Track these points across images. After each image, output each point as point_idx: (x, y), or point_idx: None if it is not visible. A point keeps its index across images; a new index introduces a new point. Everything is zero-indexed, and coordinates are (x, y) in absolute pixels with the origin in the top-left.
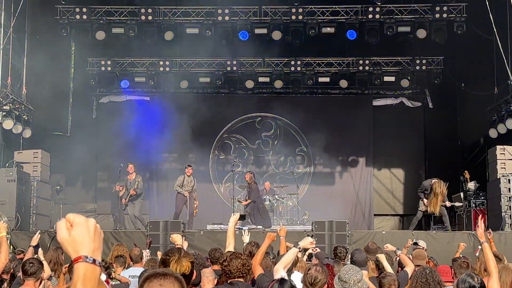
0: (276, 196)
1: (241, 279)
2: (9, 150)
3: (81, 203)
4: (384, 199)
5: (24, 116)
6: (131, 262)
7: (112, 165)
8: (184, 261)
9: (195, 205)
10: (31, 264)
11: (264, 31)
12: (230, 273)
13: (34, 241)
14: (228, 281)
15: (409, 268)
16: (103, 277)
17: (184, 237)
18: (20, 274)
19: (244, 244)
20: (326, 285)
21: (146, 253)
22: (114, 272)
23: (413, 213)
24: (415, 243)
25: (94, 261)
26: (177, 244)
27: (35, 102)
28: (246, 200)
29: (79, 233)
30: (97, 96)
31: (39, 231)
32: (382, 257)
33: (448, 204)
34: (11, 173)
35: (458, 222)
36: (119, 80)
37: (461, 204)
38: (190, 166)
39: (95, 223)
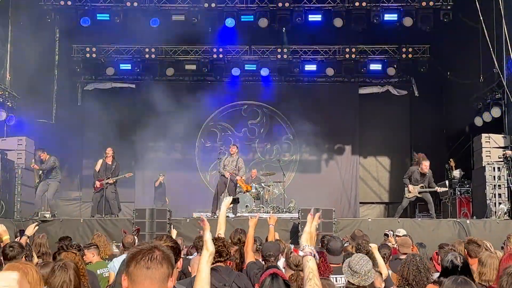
0: (262, 184)
1: (222, 264)
2: None
3: (66, 191)
4: (370, 187)
5: (8, 103)
6: (124, 249)
7: (97, 153)
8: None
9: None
10: (11, 248)
11: (251, 18)
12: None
13: (30, 231)
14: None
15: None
16: None
17: (171, 225)
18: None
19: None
20: None
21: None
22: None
23: (399, 201)
24: (386, 235)
25: None
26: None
27: (20, 89)
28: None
29: None
30: (82, 83)
31: (36, 223)
32: (374, 248)
33: (437, 189)
34: None
35: (443, 209)
36: (104, 67)
37: (446, 189)
38: (235, 145)
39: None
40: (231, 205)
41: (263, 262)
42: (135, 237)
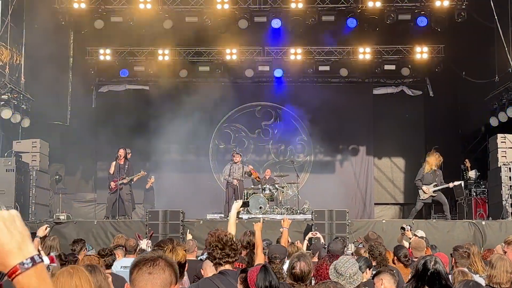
0: (276, 185)
1: (229, 267)
2: (7, 139)
3: (80, 192)
4: (385, 187)
5: (23, 106)
6: (126, 253)
7: (111, 154)
8: (179, 250)
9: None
10: None
11: (264, 19)
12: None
13: (41, 232)
14: (218, 271)
15: None
16: (46, 260)
17: (187, 230)
18: None
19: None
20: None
21: (147, 243)
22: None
23: (414, 202)
24: (403, 228)
25: (33, 262)
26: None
27: (34, 91)
28: (125, 178)
29: None
30: (96, 86)
31: (47, 225)
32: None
33: (451, 185)
34: (9, 162)
35: (459, 210)
36: (118, 69)
37: (460, 182)
38: (238, 153)
39: (3, 214)
40: (241, 208)
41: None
42: (145, 240)
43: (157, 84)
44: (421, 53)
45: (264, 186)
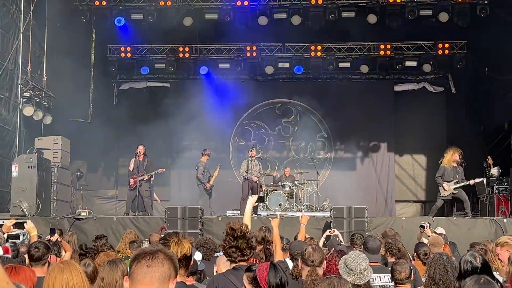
0: (296, 182)
1: (244, 263)
2: (29, 136)
3: (102, 189)
4: (406, 185)
5: (45, 103)
6: None
7: (132, 151)
8: (185, 242)
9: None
10: (36, 249)
11: (284, 16)
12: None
13: (5, 228)
14: (232, 266)
15: None
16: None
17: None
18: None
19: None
20: (324, 262)
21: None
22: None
23: (435, 199)
24: (422, 226)
25: None
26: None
27: (56, 89)
28: (142, 175)
29: None
30: (117, 83)
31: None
32: None
33: (471, 182)
34: (31, 159)
35: (481, 208)
36: (139, 66)
37: (481, 179)
38: (253, 148)
39: None
40: (256, 203)
41: (291, 261)
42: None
43: (177, 81)
44: (443, 49)
45: (284, 183)
